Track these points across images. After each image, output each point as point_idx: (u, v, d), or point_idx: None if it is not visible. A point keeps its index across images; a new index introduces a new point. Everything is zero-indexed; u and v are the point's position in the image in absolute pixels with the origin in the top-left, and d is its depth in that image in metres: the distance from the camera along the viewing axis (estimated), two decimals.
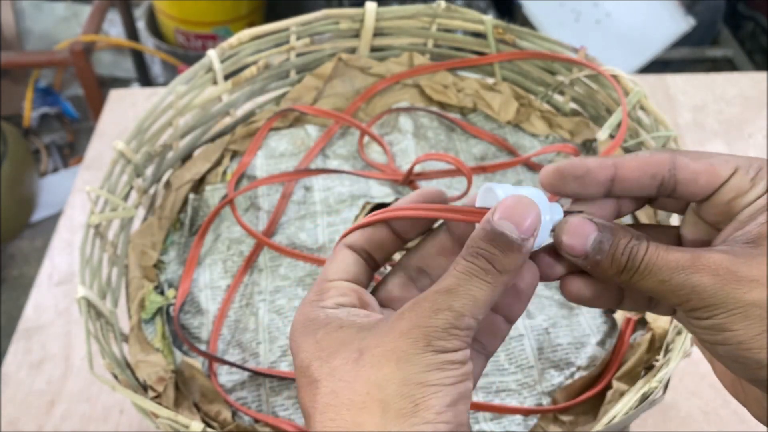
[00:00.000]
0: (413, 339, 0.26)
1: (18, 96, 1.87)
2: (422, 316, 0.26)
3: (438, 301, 0.26)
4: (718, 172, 0.28)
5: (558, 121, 0.66)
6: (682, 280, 0.26)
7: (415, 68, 0.69)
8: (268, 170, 0.64)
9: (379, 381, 0.26)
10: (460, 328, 0.26)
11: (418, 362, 0.26)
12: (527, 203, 0.27)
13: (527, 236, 0.27)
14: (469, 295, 0.26)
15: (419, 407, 0.25)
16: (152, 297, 0.55)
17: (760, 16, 1.90)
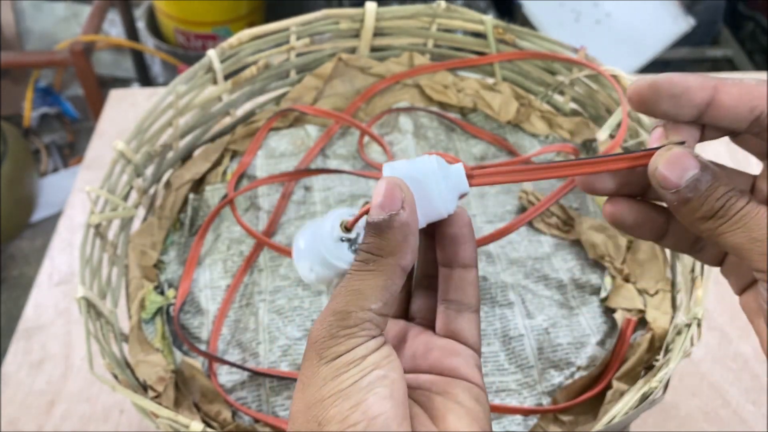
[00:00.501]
0: (308, 360, 0.27)
1: (18, 96, 1.87)
2: (313, 334, 0.27)
3: (325, 310, 0.27)
4: (755, 101, 0.26)
5: (558, 121, 0.66)
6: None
7: (415, 68, 0.69)
8: (268, 170, 0.64)
9: (292, 414, 0.27)
10: (349, 326, 0.26)
11: (314, 381, 0.26)
12: (385, 185, 0.27)
13: (394, 210, 0.26)
14: (351, 291, 0.26)
15: (322, 425, 0.25)
16: (152, 297, 0.55)
17: (760, 16, 1.90)
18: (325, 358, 0.26)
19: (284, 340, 0.53)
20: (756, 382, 0.63)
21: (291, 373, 0.51)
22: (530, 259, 0.58)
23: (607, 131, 0.62)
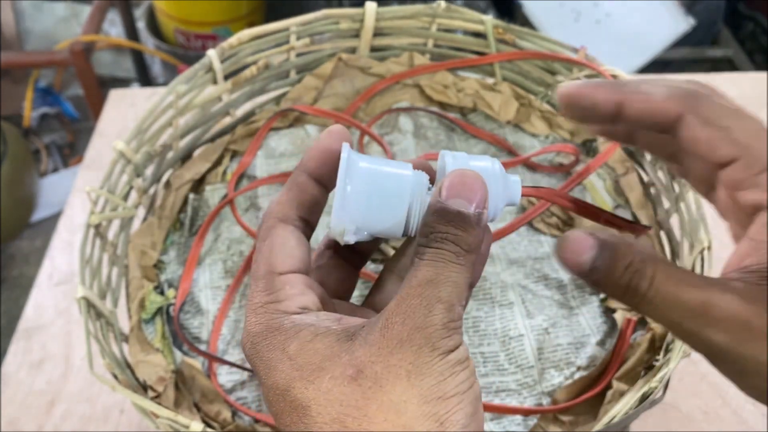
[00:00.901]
0: (416, 346, 0.23)
1: (18, 96, 1.87)
2: (416, 317, 0.24)
3: (426, 295, 0.24)
4: (717, 151, 0.25)
5: (558, 121, 0.66)
6: (694, 329, 0.24)
7: (415, 68, 0.69)
8: (268, 170, 0.64)
9: (394, 403, 0.23)
10: (455, 320, 0.24)
11: (430, 372, 0.23)
12: (472, 176, 0.25)
13: (481, 209, 0.25)
14: (451, 281, 0.24)
15: (445, 425, 0.23)
16: (152, 297, 0.55)
17: (760, 16, 1.90)
18: (438, 349, 0.23)
19: None
20: None
21: None
22: (530, 259, 0.58)
23: None
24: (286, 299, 0.26)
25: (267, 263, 0.27)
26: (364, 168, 0.27)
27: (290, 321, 0.25)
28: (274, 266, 0.27)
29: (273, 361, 0.24)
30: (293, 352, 0.24)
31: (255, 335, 0.25)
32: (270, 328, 0.25)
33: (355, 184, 0.26)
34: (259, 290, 0.26)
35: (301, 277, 0.27)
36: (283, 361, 0.24)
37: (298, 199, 0.29)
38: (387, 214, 0.27)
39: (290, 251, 0.27)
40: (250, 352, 0.26)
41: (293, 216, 0.28)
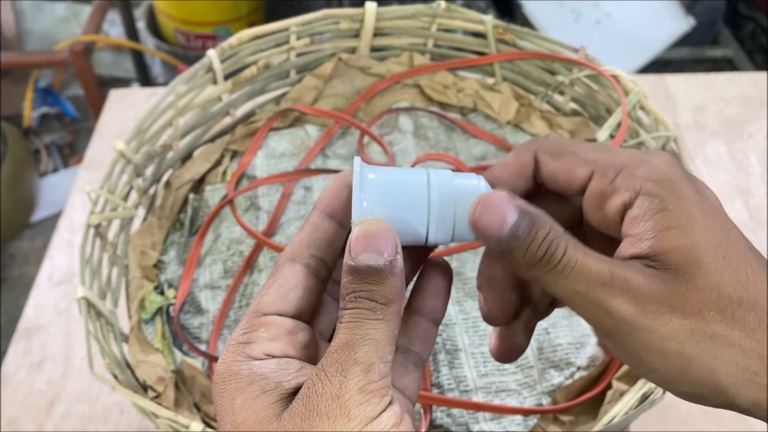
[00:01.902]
0: (332, 418, 0.22)
1: (18, 96, 1.87)
2: (332, 385, 0.23)
3: (341, 360, 0.23)
4: (575, 174, 0.27)
5: (558, 121, 0.66)
6: (601, 299, 0.24)
7: (415, 68, 0.69)
8: (268, 170, 0.64)
9: None
10: (375, 381, 0.23)
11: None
12: (376, 226, 0.25)
13: (393, 256, 0.24)
14: (368, 339, 0.24)
15: None
16: (152, 297, 0.55)
17: (760, 16, 1.90)
18: (354, 419, 0.22)
19: None
20: None
21: None
22: None
23: (607, 131, 0.62)
24: (256, 342, 0.25)
25: (257, 301, 0.26)
26: (378, 179, 0.26)
27: (248, 367, 0.24)
28: (260, 306, 0.26)
29: (222, 410, 0.24)
30: (237, 406, 0.24)
31: (217, 375, 0.25)
32: (230, 371, 0.25)
33: (370, 198, 0.26)
34: (240, 327, 0.26)
35: (284, 320, 0.26)
36: (228, 413, 0.24)
37: (310, 237, 0.27)
38: (406, 223, 0.26)
39: (284, 292, 0.26)
40: (213, 389, 0.25)
41: (304, 254, 0.27)
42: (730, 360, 0.24)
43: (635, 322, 0.24)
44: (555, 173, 0.27)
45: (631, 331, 0.24)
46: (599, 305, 0.24)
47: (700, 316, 0.24)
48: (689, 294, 0.24)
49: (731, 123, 0.86)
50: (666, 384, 0.25)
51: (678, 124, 0.86)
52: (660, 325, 0.24)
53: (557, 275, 0.25)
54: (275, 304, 0.26)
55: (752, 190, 0.79)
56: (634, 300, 0.24)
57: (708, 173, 0.80)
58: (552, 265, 0.25)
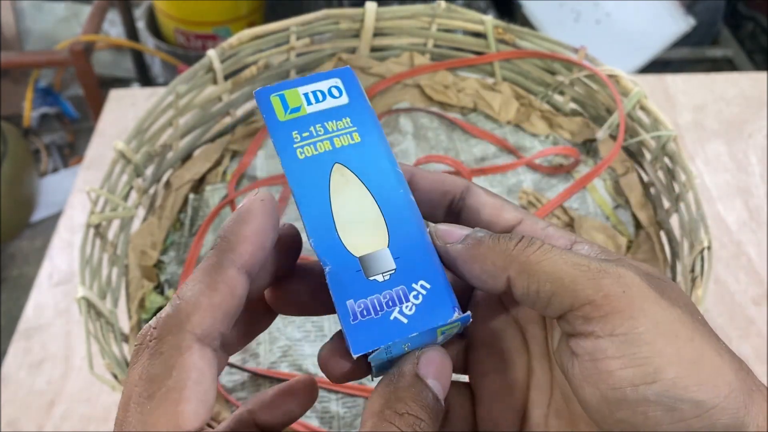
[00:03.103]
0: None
1: (18, 96, 1.87)
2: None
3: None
4: (503, 214, 0.26)
5: (558, 121, 0.66)
6: (606, 267, 0.22)
7: (415, 68, 0.69)
8: (268, 170, 0.64)
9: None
10: None
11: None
12: (446, 359, 0.24)
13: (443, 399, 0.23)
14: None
15: None
16: (152, 297, 0.55)
17: (760, 16, 1.91)
18: None
19: (284, 341, 0.53)
20: None
21: (291, 374, 0.51)
22: None
23: (606, 131, 0.62)
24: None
25: (172, 413, 0.19)
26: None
27: None
28: (182, 421, 0.20)
29: None
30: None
31: None
32: None
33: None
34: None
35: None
36: None
37: (226, 306, 0.22)
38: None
39: (204, 395, 0.20)
40: None
41: (216, 334, 0.21)
42: (732, 360, 0.22)
43: (648, 291, 0.22)
44: (483, 206, 0.26)
45: (643, 296, 0.22)
46: (608, 269, 0.22)
47: (693, 315, 0.23)
48: (675, 294, 0.23)
49: (731, 123, 0.87)
50: (671, 383, 0.21)
51: (678, 124, 0.86)
52: (666, 306, 0.22)
53: (547, 250, 0.23)
54: (199, 415, 0.20)
55: (752, 190, 0.79)
56: (641, 274, 0.23)
57: (708, 173, 0.80)
58: (538, 243, 0.23)
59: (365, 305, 0.24)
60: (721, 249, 0.73)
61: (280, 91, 0.27)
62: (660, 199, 0.59)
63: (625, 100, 0.60)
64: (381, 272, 0.25)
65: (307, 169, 0.26)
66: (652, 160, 0.60)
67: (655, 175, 0.59)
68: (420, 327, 0.24)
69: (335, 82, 0.27)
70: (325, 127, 0.26)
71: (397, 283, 0.24)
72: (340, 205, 0.25)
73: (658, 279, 0.23)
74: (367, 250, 0.25)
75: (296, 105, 0.27)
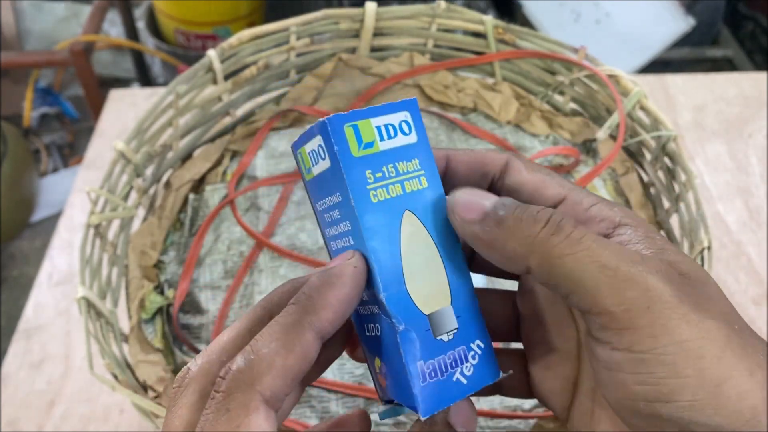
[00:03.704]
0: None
1: (18, 96, 1.87)
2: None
3: None
4: (544, 192, 0.24)
5: (558, 121, 0.66)
6: (635, 273, 0.20)
7: (415, 68, 0.69)
8: (268, 170, 0.64)
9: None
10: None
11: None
12: (473, 409, 0.25)
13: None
14: None
15: None
16: (152, 297, 0.55)
17: (760, 16, 1.90)
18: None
19: None
20: None
21: None
22: None
23: (606, 131, 0.62)
24: None
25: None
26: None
27: None
28: None
29: None
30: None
31: None
32: None
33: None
34: None
35: None
36: None
37: (298, 369, 0.21)
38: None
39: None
40: None
41: (282, 396, 0.21)
42: (764, 381, 0.20)
43: (677, 306, 0.20)
44: (524, 184, 0.25)
45: (670, 313, 0.20)
46: (635, 279, 0.20)
47: (729, 323, 0.21)
48: (713, 301, 0.21)
49: (731, 123, 0.86)
50: (686, 406, 0.20)
51: (678, 124, 0.86)
52: (698, 319, 0.20)
53: (574, 243, 0.21)
54: None
55: (752, 190, 0.79)
56: (672, 284, 0.21)
57: (708, 173, 0.80)
58: (567, 232, 0.21)
59: (433, 366, 0.23)
60: (721, 249, 0.73)
61: (354, 121, 0.24)
62: (660, 199, 0.59)
63: (625, 100, 0.60)
64: (446, 332, 0.24)
65: (380, 214, 0.24)
66: (652, 160, 0.60)
67: (655, 175, 0.59)
68: (475, 387, 0.24)
69: (405, 116, 0.25)
70: (397, 168, 0.24)
71: (458, 343, 0.24)
72: (409, 257, 0.24)
73: (693, 284, 0.21)
74: (434, 307, 0.24)
75: (370, 140, 0.24)
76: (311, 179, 0.26)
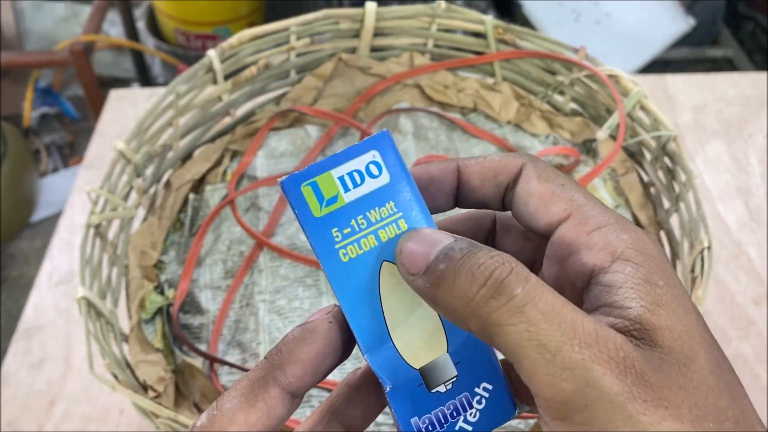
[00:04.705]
0: None
1: (18, 96, 1.87)
2: None
3: None
4: (550, 207, 0.22)
5: (558, 121, 0.66)
6: (579, 362, 0.18)
7: (415, 68, 0.69)
8: (268, 170, 0.64)
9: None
10: None
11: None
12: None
13: None
14: None
15: None
16: (152, 297, 0.55)
17: (760, 16, 1.91)
18: None
19: None
20: (756, 382, 0.63)
21: None
22: None
23: (606, 131, 0.62)
24: None
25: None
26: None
27: None
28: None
29: None
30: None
31: None
32: None
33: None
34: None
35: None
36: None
37: (261, 426, 0.22)
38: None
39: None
40: None
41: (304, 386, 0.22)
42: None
43: (622, 406, 0.18)
44: (531, 195, 0.23)
45: (612, 414, 0.18)
46: (576, 370, 0.18)
47: (699, 426, 0.18)
48: (686, 392, 0.19)
49: (731, 123, 0.87)
50: None
51: (678, 124, 0.86)
52: (651, 422, 0.18)
53: (514, 313, 0.18)
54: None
55: (752, 190, 0.79)
56: (624, 376, 0.18)
57: (708, 173, 0.80)
58: (508, 295, 0.19)
59: (430, 420, 0.22)
60: (721, 249, 0.73)
61: (312, 178, 0.23)
62: (660, 199, 0.59)
63: (625, 100, 0.60)
64: (443, 382, 0.22)
65: (353, 272, 0.22)
66: (652, 160, 0.60)
67: (655, 175, 0.59)
68: (484, 430, 0.23)
69: (372, 156, 0.23)
70: (368, 218, 0.23)
71: (460, 390, 0.23)
72: (393, 309, 0.22)
73: (667, 368, 0.19)
74: (428, 358, 0.22)
75: (332, 194, 0.23)
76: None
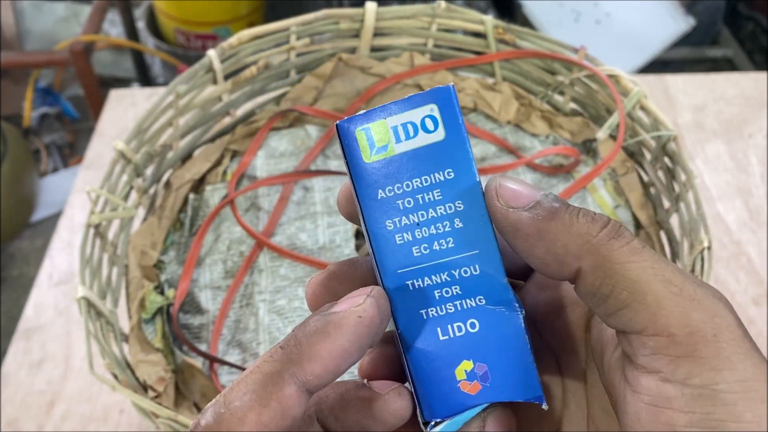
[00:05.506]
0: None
1: (18, 96, 1.87)
2: None
3: None
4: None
5: (558, 121, 0.66)
6: (677, 306, 0.18)
7: (415, 68, 0.69)
8: (268, 170, 0.64)
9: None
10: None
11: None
12: (511, 418, 0.23)
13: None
14: None
15: None
16: (152, 297, 0.55)
17: (760, 16, 1.90)
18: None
19: None
20: None
21: None
22: None
23: (606, 131, 0.62)
24: None
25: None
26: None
27: None
28: None
29: None
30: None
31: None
32: None
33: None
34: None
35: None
36: None
37: (275, 426, 0.19)
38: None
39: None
40: None
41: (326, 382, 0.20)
42: None
43: (743, 339, 0.18)
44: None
45: (736, 347, 0.18)
46: (703, 301, 0.18)
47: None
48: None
49: (731, 123, 0.86)
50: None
51: (678, 124, 0.86)
52: (760, 360, 0.18)
53: (636, 252, 0.18)
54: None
55: (752, 190, 0.79)
56: (734, 314, 0.19)
57: (708, 173, 0.80)
58: (628, 238, 0.19)
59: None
60: (721, 249, 0.73)
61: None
62: (660, 199, 0.59)
63: (625, 100, 0.60)
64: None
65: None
66: (652, 160, 0.60)
67: (655, 175, 0.59)
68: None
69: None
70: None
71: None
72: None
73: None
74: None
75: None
76: (384, 159, 0.22)
